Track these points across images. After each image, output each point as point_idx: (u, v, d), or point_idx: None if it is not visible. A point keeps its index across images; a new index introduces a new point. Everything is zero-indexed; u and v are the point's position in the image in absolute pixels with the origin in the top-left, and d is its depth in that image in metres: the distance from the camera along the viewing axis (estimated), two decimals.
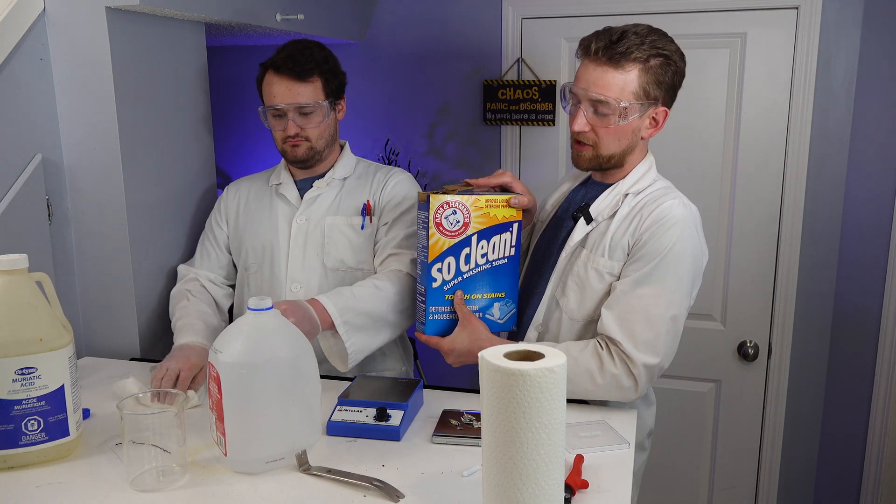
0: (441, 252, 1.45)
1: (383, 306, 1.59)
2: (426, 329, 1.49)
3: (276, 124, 1.69)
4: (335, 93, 1.72)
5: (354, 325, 1.54)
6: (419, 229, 1.48)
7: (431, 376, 2.63)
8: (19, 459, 1.16)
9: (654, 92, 1.40)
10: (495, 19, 2.47)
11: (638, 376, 1.36)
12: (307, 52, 1.67)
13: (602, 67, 1.38)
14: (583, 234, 1.47)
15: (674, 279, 1.38)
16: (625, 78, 1.38)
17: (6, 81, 1.53)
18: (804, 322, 2.34)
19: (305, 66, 1.65)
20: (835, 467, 2.42)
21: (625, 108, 1.38)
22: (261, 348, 1.13)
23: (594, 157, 1.45)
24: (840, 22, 2.16)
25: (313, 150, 1.70)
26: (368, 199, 1.74)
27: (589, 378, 1.38)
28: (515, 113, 2.46)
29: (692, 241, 1.40)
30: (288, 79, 1.64)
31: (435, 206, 1.43)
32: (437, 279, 1.46)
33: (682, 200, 1.42)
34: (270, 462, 1.15)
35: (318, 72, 1.67)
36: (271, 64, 1.67)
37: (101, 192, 1.68)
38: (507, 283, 1.53)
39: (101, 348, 1.77)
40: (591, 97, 1.39)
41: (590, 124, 1.42)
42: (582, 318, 1.46)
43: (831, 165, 2.24)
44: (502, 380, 0.88)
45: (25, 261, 1.18)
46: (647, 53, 1.37)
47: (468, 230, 1.47)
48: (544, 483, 0.90)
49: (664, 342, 1.38)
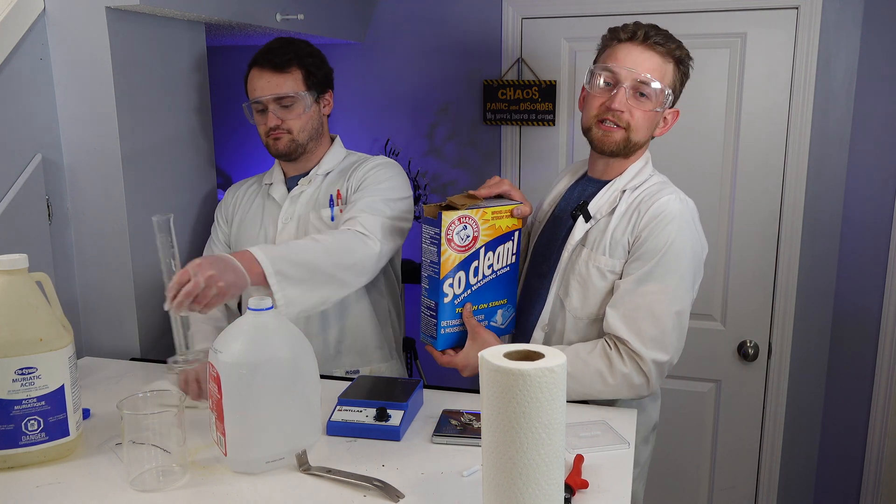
0: (453, 267, 1.42)
1: (322, 257, 1.47)
2: (438, 344, 1.47)
3: (259, 119, 1.69)
4: (318, 85, 1.71)
5: (288, 275, 1.42)
6: (426, 244, 1.44)
7: (431, 376, 2.63)
8: (19, 459, 1.16)
9: (677, 90, 1.45)
10: (495, 19, 2.47)
11: (649, 373, 1.37)
12: (287, 45, 1.67)
13: (649, 52, 1.41)
14: (583, 233, 1.47)
15: (676, 274, 1.38)
16: (667, 68, 1.42)
17: (6, 81, 1.53)
18: (804, 322, 2.34)
19: (284, 56, 1.65)
20: (835, 467, 2.42)
21: (668, 95, 1.43)
22: (261, 348, 1.13)
23: (624, 139, 1.44)
24: (840, 22, 2.16)
25: (295, 143, 1.69)
26: (339, 189, 1.71)
27: (600, 379, 1.38)
28: (515, 113, 2.46)
29: (690, 234, 1.41)
30: (267, 71, 1.65)
31: (447, 223, 1.39)
32: (448, 294, 1.44)
33: (678, 195, 1.43)
34: (270, 462, 1.15)
35: (298, 63, 1.67)
36: (253, 59, 1.68)
37: (101, 192, 1.68)
38: (508, 290, 1.54)
39: (101, 348, 1.77)
40: (637, 77, 1.40)
41: (628, 105, 1.42)
42: (586, 316, 1.47)
43: (831, 165, 2.24)
44: (502, 380, 0.88)
45: (25, 261, 1.18)
46: (680, 53, 1.43)
47: (477, 244, 1.45)
48: (544, 483, 0.90)
49: (671, 338, 1.38)
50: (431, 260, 1.43)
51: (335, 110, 2.69)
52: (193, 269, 1.28)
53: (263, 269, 1.39)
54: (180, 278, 1.28)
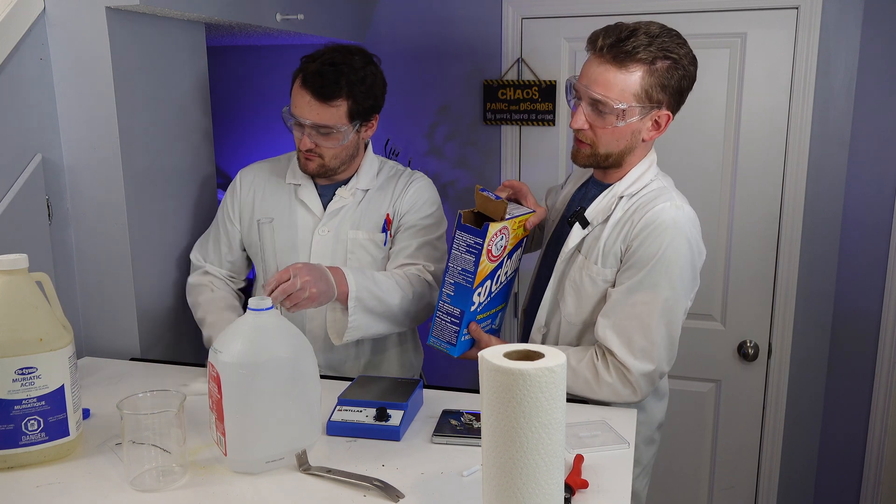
0: (484, 277, 1.41)
1: (397, 300, 1.59)
2: (456, 351, 1.46)
3: (296, 131, 1.62)
4: (364, 114, 1.61)
5: (365, 303, 1.54)
6: (460, 251, 1.39)
7: (431, 376, 2.64)
8: (19, 459, 1.16)
9: (657, 95, 1.36)
10: (495, 19, 2.47)
11: (636, 384, 1.36)
12: (338, 72, 1.54)
13: (605, 66, 1.35)
14: (578, 239, 1.45)
15: (667, 284, 1.35)
16: (627, 79, 1.33)
17: (6, 81, 1.53)
18: (804, 322, 2.34)
19: (332, 88, 1.54)
20: (835, 467, 2.42)
21: (623, 110, 1.35)
22: (261, 348, 1.13)
23: (591, 155, 1.43)
24: (840, 22, 2.16)
25: (325, 168, 1.64)
26: (388, 213, 1.70)
27: (587, 387, 1.40)
28: (515, 113, 2.46)
29: (684, 243, 1.36)
30: (311, 96, 1.54)
31: (491, 234, 1.36)
32: (475, 303, 1.43)
33: (673, 203, 1.38)
34: (270, 462, 1.15)
35: (347, 94, 1.55)
36: (302, 72, 1.57)
37: (101, 192, 1.68)
38: (508, 294, 1.55)
39: (101, 348, 1.77)
40: (590, 95, 1.36)
41: (588, 122, 1.39)
42: (580, 321, 1.46)
43: (831, 165, 2.24)
44: (502, 379, 0.88)
45: (25, 261, 1.18)
46: (654, 55, 1.33)
47: (504, 253, 1.45)
48: (544, 483, 0.90)
49: (661, 349, 1.37)
50: (464, 268, 1.39)
51: None
52: (294, 271, 1.40)
53: (349, 290, 1.51)
54: (280, 276, 1.39)
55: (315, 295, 1.43)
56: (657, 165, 1.49)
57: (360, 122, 1.61)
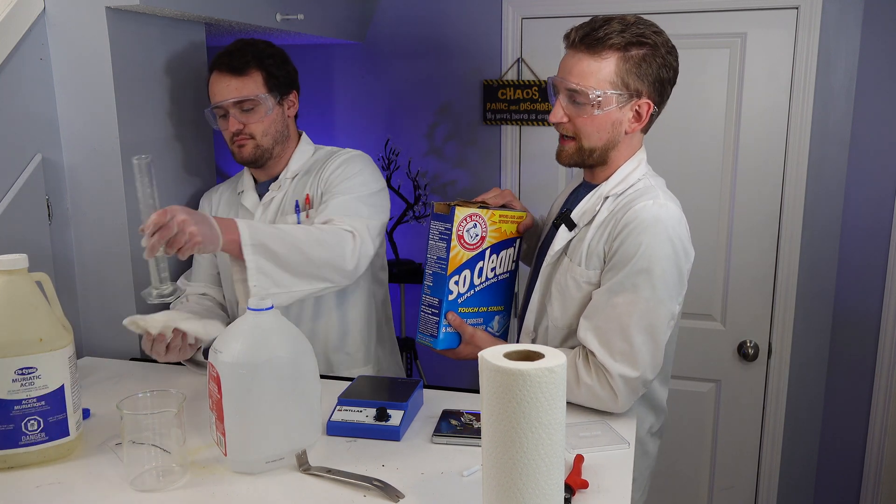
0: (459, 265, 1.44)
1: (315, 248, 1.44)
2: (438, 344, 1.47)
3: (222, 125, 1.64)
4: (281, 87, 1.65)
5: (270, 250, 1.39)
6: (434, 240, 1.45)
7: (431, 376, 2.64)
8: (19, 459, 1.16)
9: (634, 83, 1.33)
10: (495, 19, 2.47)
11: (616, 388, 1.32)
12: (246, 47, 1.62)
13: (578, 55, 1.34)
14: (564, 242, 1.42)
15: (647, 286, 1.30)
16: (601, 66, 1.32)
17: (6, 81, 1.53)
18: (804, 322, 2.34)
19: (242, 59, 1.60)
20: (835, 467, 2.42)
21: (599, 99, 1.33)
22: (261, 348, 1.13)
23: (575, 152, 1.40)
24: (840, 22, 2.16)
25: (260, 149, 1.64)
26: (308, 193, 1.66)
27: (568, 388, 1.36)
28: (515, 113, 2.46)
29: (665, 242, 1.30)
30: (226, 74, 1.60)
31: (459, 219, 1.41)
32: (453, 291, 1.45)
33: (656, 200, 1.32)
34: (270, 462, 1.15)
35: (258, 65, 1.61)
36: (212, 63, 1.63)
37: (101, 192, 1.68)
38: (506, 297, 1.55)
39: (101, 348, 1.77)
40: (566, 86, 1.35)
41: (567, 115, 1.38)
42: (565, 325, 1.43)
43: (831, 165, 2.24)
44: (502, 380, 0.88)
45: (25, 261, 1.18)
46: (627, 41, 1.31)
47: (484, 244, 1.46)
48: (544, 483, 0.90)
49: (642, 353, 1.31)
50: (439, 256, 1.44)
51: (335, 111, 2.70)
52: (170, 213, 1.28)
53: (241, 237, 1.36)
54: (157, 218, 1.28)
55: (195, 234, 1.29)
56: (650, 166, 1.45)
57: (279, 94, 1.65)
